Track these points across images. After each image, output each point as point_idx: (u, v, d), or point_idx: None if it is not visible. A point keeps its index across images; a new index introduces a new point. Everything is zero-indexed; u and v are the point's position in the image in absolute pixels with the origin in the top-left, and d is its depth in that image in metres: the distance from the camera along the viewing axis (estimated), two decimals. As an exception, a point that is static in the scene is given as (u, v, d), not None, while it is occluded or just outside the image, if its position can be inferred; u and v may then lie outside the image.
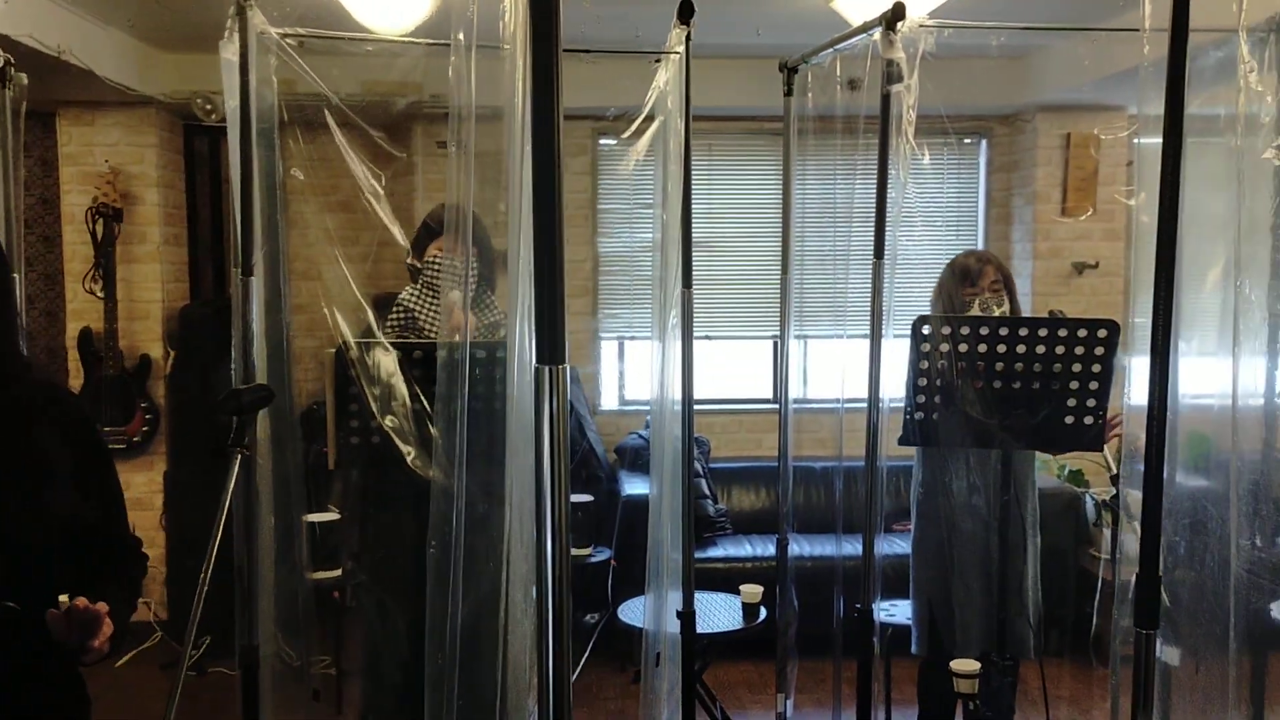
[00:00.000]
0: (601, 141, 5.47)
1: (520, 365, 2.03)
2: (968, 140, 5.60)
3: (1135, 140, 4.08)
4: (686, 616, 2.96)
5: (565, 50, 1.18)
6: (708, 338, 5.57)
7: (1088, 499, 5.02)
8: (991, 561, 3.16)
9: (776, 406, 3.91)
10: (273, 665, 2.78)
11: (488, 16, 2.09)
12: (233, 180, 2.55)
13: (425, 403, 2.45)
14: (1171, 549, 3.58)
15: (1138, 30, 2.08)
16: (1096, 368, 2.92)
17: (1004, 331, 2.93)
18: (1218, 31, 2.13)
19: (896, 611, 3.75)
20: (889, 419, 3.01)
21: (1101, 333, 2.91)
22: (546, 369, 1.07)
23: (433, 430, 2.35)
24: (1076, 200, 5.36)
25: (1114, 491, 5.26)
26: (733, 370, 5.66)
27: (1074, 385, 2.94)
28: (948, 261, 3.43)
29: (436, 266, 2.81)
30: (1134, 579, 1.81)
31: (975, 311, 3.26)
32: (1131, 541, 4.20)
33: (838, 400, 3.11)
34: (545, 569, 1.11)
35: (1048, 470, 5.06)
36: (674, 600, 3.05)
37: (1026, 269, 5.40)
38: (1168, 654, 3.40)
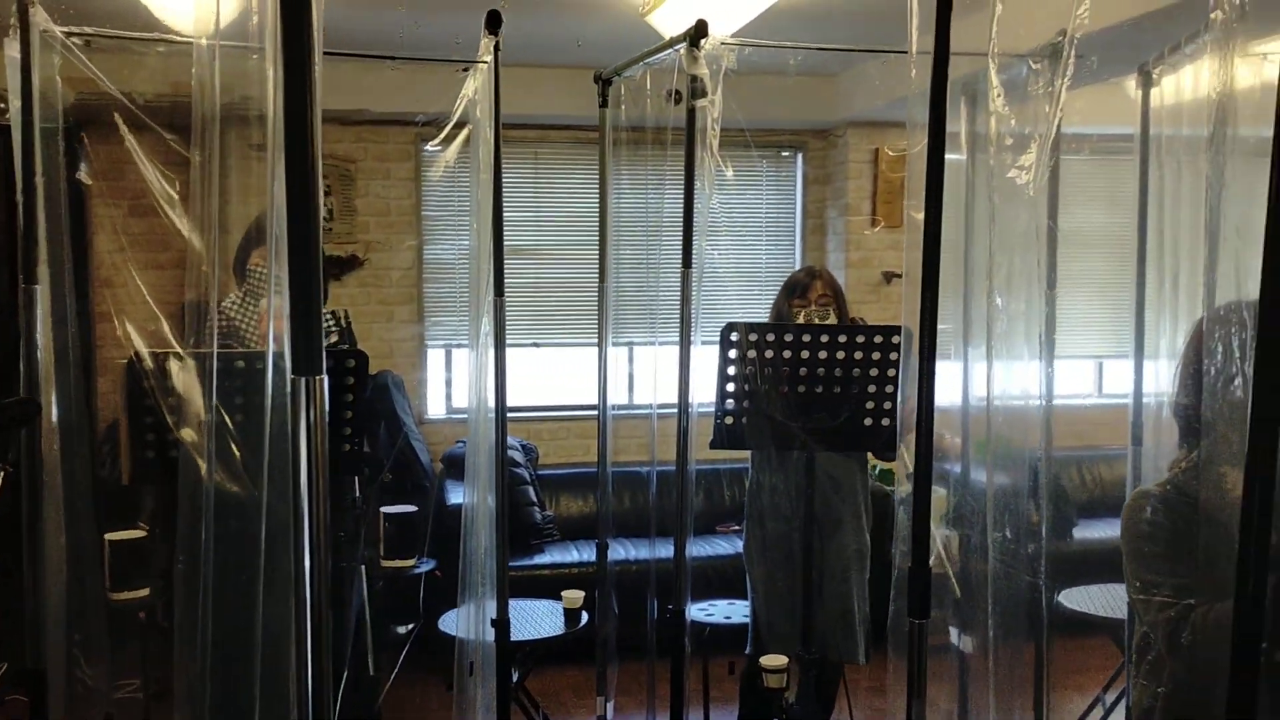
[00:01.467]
0: (426, 147, 5.43)
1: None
2: (785, 153, 5.79)
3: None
4: (500, 624, 2.97)
5: (372, 56, 1.18)
6: (535, 344, 5.59)
7: (896, 498, 5.25)
8: (803, 560, 3.28)
9: (618, 413, 3.97)
10: (70, 689, 2.66)
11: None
12: (18, 184, 2.43)
13: (226, 415, 2.39)
14: (966, 543, 3.80)
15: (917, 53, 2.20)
16: (891, 371, 3.08)
17: (806, 338, 3.05)
18: (974, 55, 2.28)
19: (715, 611, 3.85)
20: (699, 424, 3.10)
21: (895, 339, 3.06)
22: (303, 380, 1.07)
23: (232, 444, 2.30)
24: (885, 212, 5.62)
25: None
26: (562, 377, 5.69)
27: (871, 389, 3.09)
28: (768, 271, 3.58)
29: (259, 274, 2.76)
30: (907, 570, 1.91)
31: (800, 322, 3.39)
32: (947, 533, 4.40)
33: (651, 406, 3.18)
34: (304, 582, 1.10)
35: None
36: (493, 609, 3.05)
37: (840, 278, 5.61)
38: (964, 642, 3.60)
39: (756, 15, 3.67)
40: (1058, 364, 5.61)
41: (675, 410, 2.93)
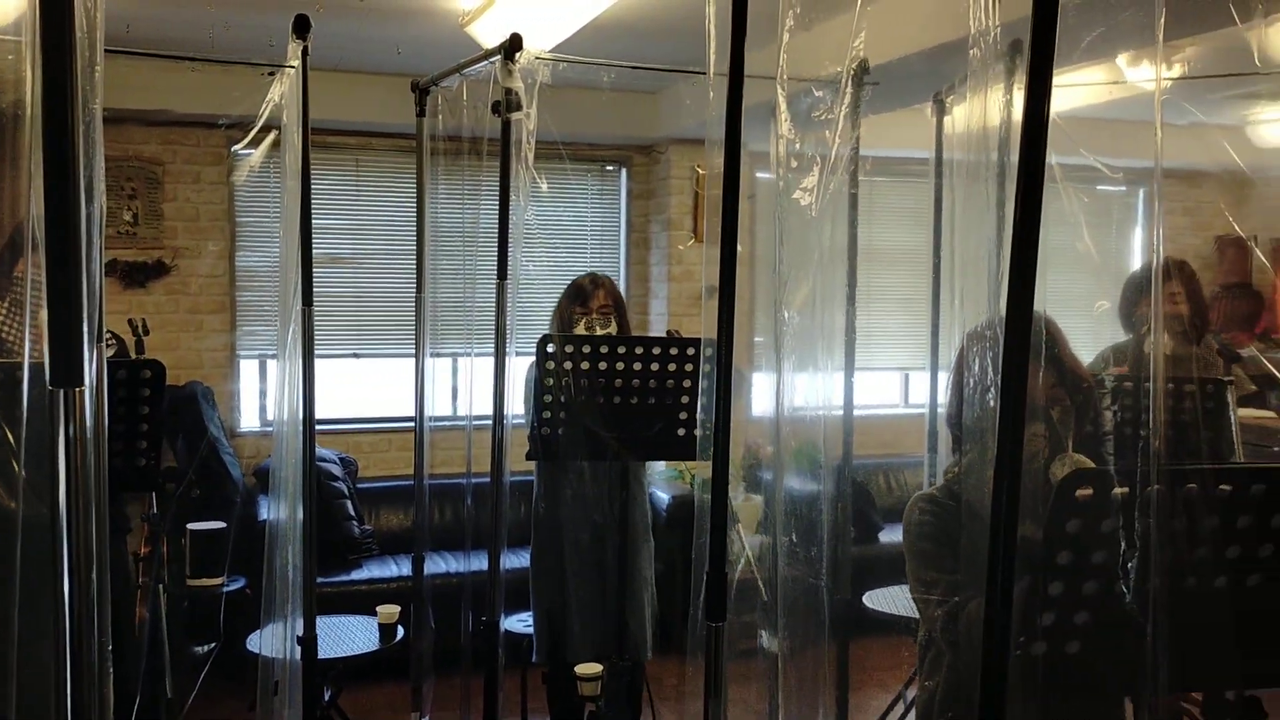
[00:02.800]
0: (240, 151, 5.25)
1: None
2: (609, 168, 5.86)
3: (755, 174, 4.45)
4: (307, 642, 2.90)
5: (168, 56, 1.14)
6: (355, 355, 5.47)
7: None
8: (609, 568, 3.33)
9: (435, 425, 3.93)
10: None
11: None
12: None
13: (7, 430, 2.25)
14: (776, 549, 3.92)
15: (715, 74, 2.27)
16: (687, 383, 3.16)
17: (621, 350, 3.10)
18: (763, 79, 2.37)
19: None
20: (515, 435, 3.11)
21: (690, 350, 3.15)
22: (61, 392, 1.02)
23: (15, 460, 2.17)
24: (705, 228, 5.75)
25: (739, 498, 5.64)
26: (383, 388, 5.59)
27: (685, 399, 3.17)
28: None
29: (24, 284, 2.60)
30: (705, 576, 1.96)
31: (581, 331, 3.43)
32: (735, 540, 4.54)
33: (466, 418, 3.17)
34: (62, 604, 1.05)
35: (683, 479, 5.38)
36: (300, 626, 2.98)
37: (663, 291, 5.72)
38: (773, 644, 3.72)
39: (577, 30, 3.71)
40: (867, 375, 5.90)
41: (491, 422, 2.93)
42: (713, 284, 6.10)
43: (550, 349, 3.04)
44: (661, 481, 5.42)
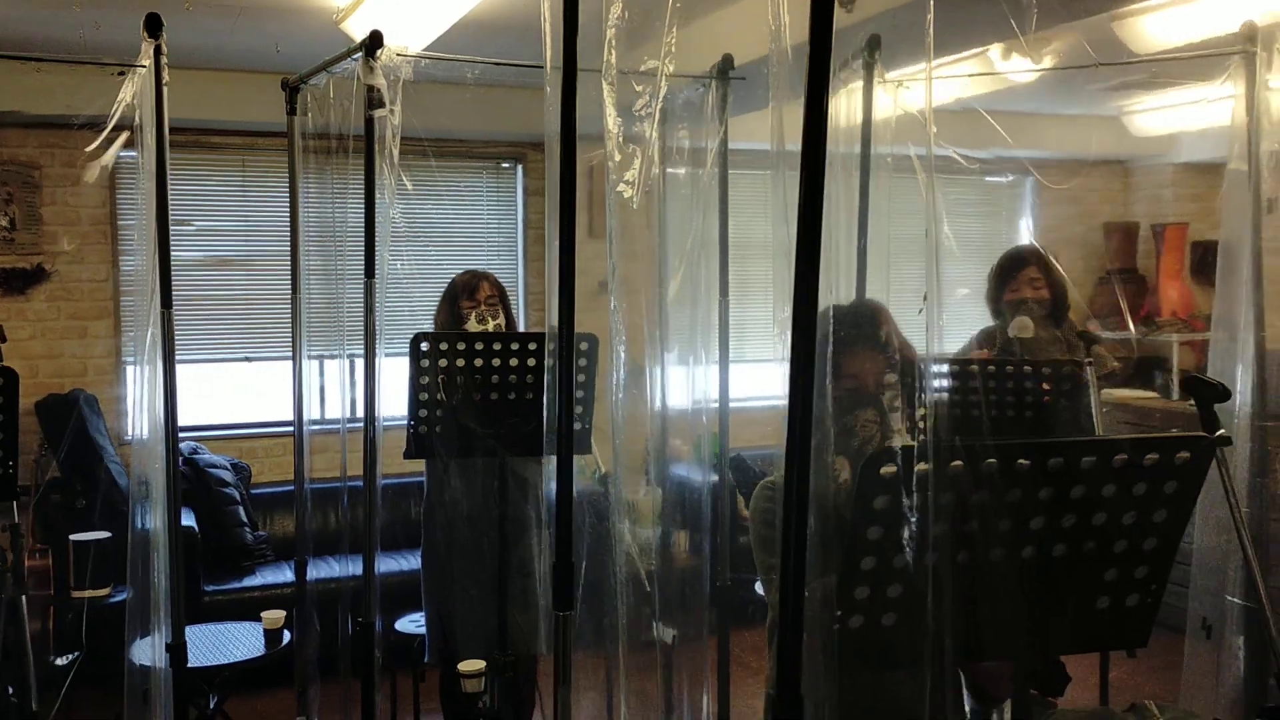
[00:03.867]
0: (122, 153, 5.14)
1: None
2: (505, 165, 5.85)
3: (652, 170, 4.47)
4: (176, 649, 2.86)
5: (18, 57, 1.11)
6: (247, 359, 5.39)
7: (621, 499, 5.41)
8: (497, 565, 3.33)
9: (316, 428, 3.89)
10: None
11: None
12: None
13: None
14: (667, 540, 3.97)
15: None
16: (581, 377, 3.18)
17: (496, 346, 3.11)
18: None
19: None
20: (390, 435, 3.10)
21: (583, 345, 3.17)
22: None
23: None
24: (601, 223, 5.77)
25: (641, 491, 5.67)
26: (277, 392, 5.51)
27: (577, 394, 3.17)
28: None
29: None
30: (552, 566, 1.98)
31: (472, 323, 3.44)
32: (624, 534, 4.57)
33: (340, 420, 3.15)
34: None
35: (583, 477, 5.39)
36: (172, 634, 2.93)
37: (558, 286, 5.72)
38: (664, 632, 3.77)
39: (450, 26, 3.70)
40: (766, 367, 5.97)
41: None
42: (605, 279, 6.15)
43: (424, 346, 3.03)
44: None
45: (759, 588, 4.43)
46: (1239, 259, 3.01)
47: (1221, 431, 1.62)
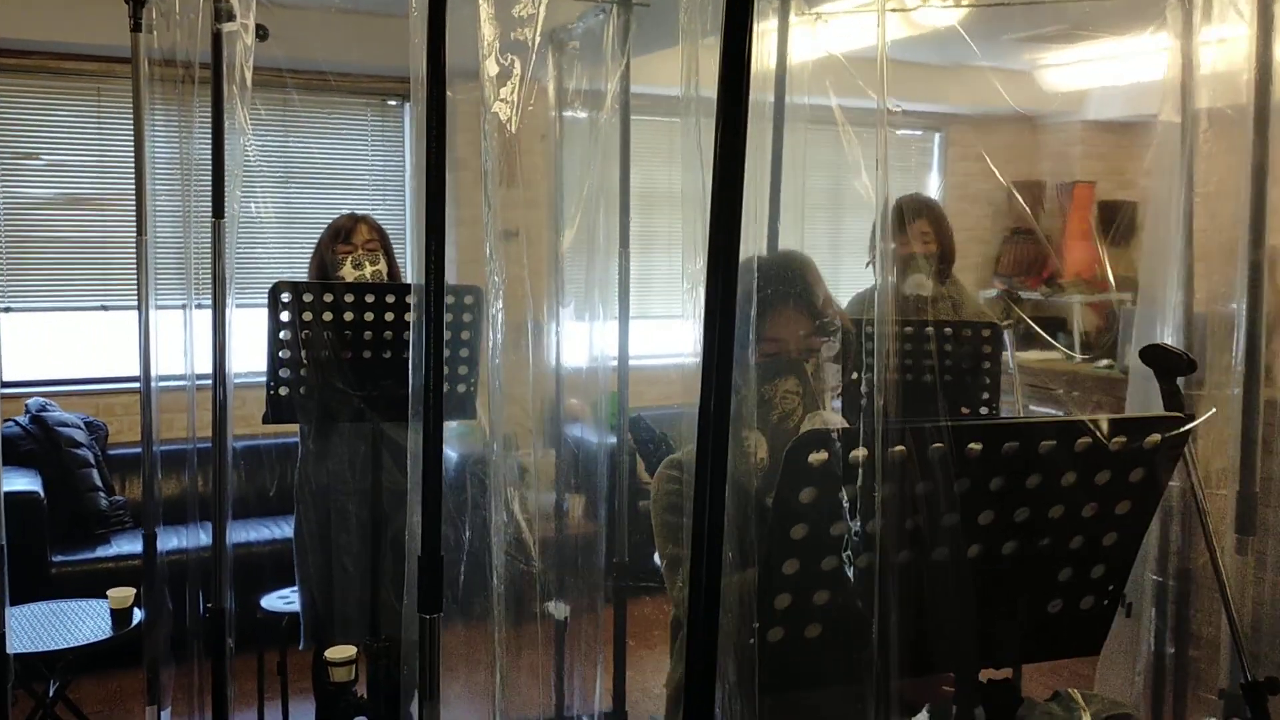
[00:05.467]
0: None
1: None
2: (392, 102, 5.45)
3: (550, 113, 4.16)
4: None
5: None
6: (104, 308, 4.93)
7: (514, 461, 5.12)
8: (370, 541, 3.03)
9: (169, 384, 3.50)
10: None
11: None
12: None
13: None
14: (559, 507, 3.72)
15: None
16: (466, 334, 2.88)
17: (369, 298, 2.78)
18: None
19: (296, 599, 3.53)
20: (250, 394, 2.77)
21: (468, 298, 2.87)
22: None
23: None
24: (510, 169, 5.42)
25: (537, 453, 5.39)
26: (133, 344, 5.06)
27: (463, 352, 2.87)
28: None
29: None
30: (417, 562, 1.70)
31: (348, 269, 3.11)
32: (535, 499, 4.30)
33: (186, 378, 2.79)
34: None
35: (471, 439, 5.09)
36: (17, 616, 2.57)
37: (451, 236, 5.36)
38: (558, 610, 3.53)
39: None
40: (677, 323, 5.72)
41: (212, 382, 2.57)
42: (509, 228, 5.77)
43: (285, 297, 2.69)
44: (454, 439, 5.13)
45: (658, 558, 4.22)
46: (1168, 217, 2.83)
47: (1212, 412, 1.41)
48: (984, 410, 2.88)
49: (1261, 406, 2.16)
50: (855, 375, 1.85)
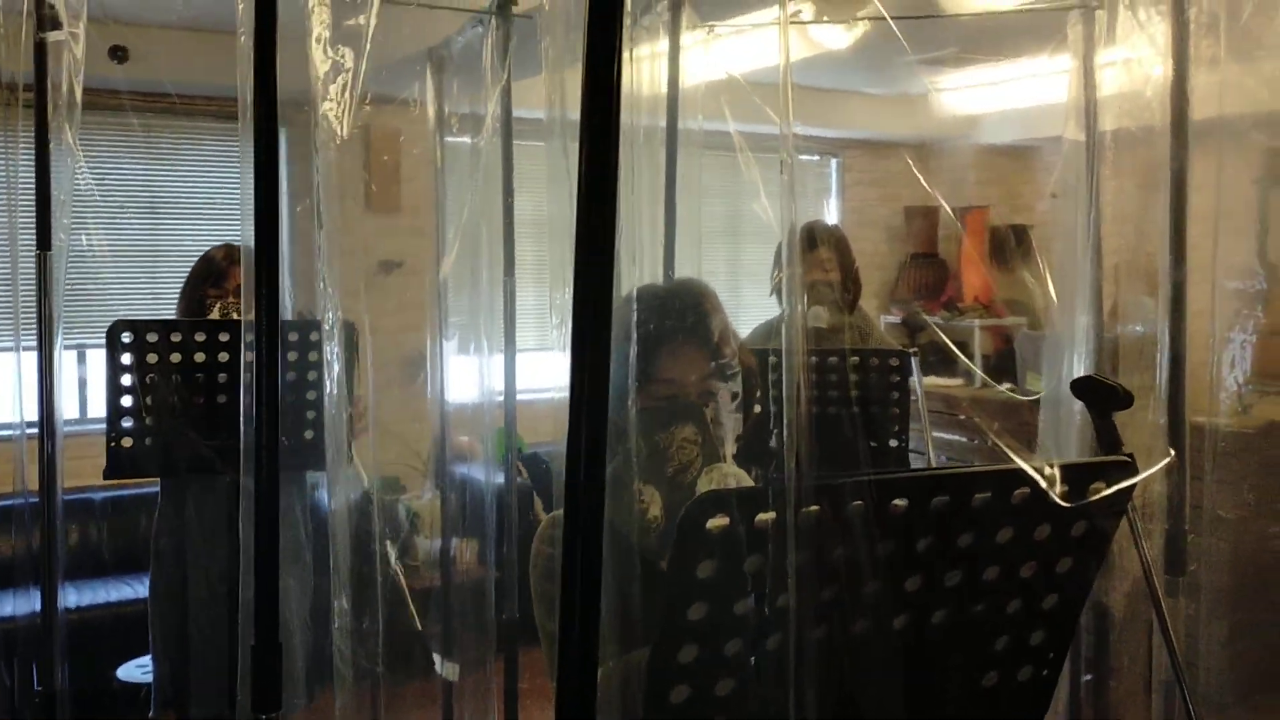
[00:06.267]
0: None
1: None
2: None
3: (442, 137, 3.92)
4: None
5: None
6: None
7: (400, 506, 4.85)
8: (229, 603, 2.74)
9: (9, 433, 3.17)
10: None
11: None
12: None
13: None
14: (449, 551, 3.48)
15: None
16: (312, 375, 2.64)
17: (224, 337, 2.51)
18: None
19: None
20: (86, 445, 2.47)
21: (313, 336, 2.63)
22: None
23: None
24: (384, 195, 5.17)
25: (426, 495, 5.11)
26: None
27: (310, 394, 2.62)
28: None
29: None
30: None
31: (215, 317, 2.84)
32: (424, 545, 4.03)
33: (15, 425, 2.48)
34: None
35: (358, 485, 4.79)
36: None
37: (336, 267, 5.09)
38: (447, 668, 3.27)
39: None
40: (556, 355, 5.52)
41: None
42: (387, 258, 5.47)
43: (125, 338, 2.41)
44: (338, 482, 4.83)
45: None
46: (1073, 240, 2.74)
47: (1169, 458, 1.25)
48: (894, 443, 2.74)
49: (1189, 433, 2.04)
50: (758, 409, 1.67)
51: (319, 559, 2.90)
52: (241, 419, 1.53)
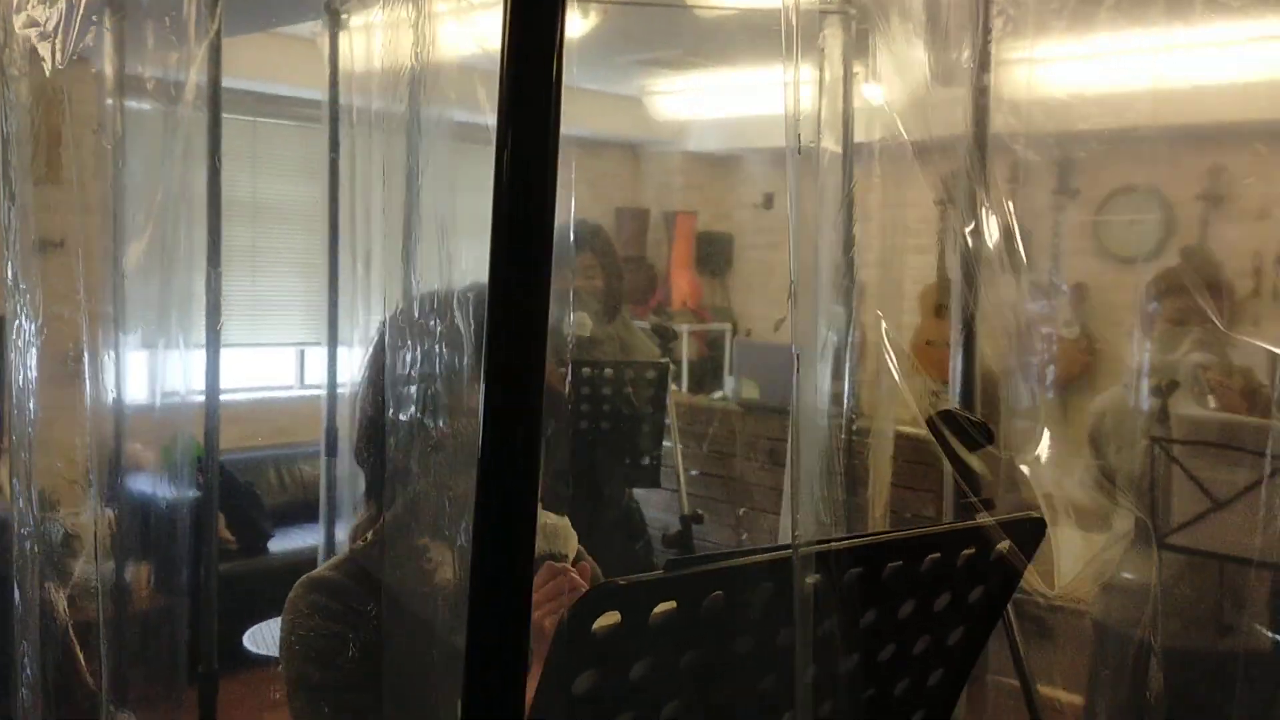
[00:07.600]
0: None
1: None
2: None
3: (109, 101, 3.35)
4: None
5: None
6: None
7: (54, 525, 4.17)
8: None
9: None
10: None
11: None
12: None
13: None
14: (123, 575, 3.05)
15: None
16: None
17: None
18: None
19: None
20: None
21: None
22: None
23: None
24: (57, 165, 4.44)
25: (86, 512, 4.45)
26: None
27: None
28: None
29: None
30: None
31: None
32: (86, 570, 3.47)
33: None
34: None
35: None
36: None
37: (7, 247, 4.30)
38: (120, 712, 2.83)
39: None
40: (255, 351, 4.99)
41: None
42: (49, 237, 4.65)
43: None
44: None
45: (248, 640, 3.56)
46: (818, 250, 2.69)
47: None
48: (646, 461, 2.58)
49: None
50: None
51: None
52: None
